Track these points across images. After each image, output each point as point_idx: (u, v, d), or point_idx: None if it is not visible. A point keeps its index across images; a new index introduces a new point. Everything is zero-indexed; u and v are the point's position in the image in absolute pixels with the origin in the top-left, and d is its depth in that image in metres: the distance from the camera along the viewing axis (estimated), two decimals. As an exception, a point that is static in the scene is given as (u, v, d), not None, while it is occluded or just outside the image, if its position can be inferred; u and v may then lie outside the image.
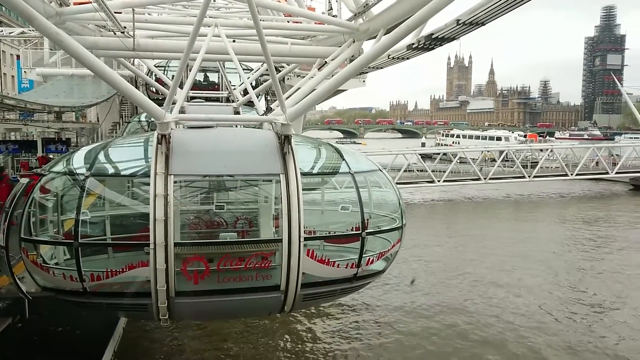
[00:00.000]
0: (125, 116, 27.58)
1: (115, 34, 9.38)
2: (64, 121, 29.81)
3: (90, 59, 6.43)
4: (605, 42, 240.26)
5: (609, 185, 47.95)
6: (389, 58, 8.69)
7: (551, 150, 46.08)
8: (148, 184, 7.03)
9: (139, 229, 7.21)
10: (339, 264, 7.80)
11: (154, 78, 15.30)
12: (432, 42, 6.99)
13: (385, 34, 7.75)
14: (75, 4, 12.99)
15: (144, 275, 7.05)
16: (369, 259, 8.07)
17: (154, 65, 15.23)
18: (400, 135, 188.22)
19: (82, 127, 31.85)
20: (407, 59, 8.45)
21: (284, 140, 7.56)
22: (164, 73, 16.05)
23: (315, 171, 8.61)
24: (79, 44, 6.59)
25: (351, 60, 8.63)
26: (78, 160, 7.84)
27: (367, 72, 10.98)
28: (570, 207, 39.92)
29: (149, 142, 7.84)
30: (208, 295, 7.34)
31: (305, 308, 15.47)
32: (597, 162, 45.00)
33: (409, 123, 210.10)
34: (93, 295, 7.33)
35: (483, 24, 5.97)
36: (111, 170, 8.00)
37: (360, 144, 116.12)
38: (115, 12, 8.89)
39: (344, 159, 8.33)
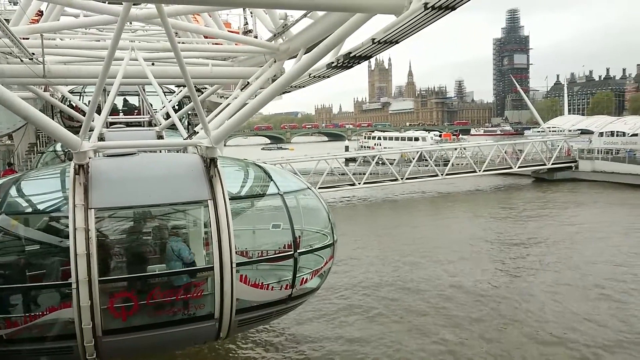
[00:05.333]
0: (42, 137, 26.04)
1: (22, 60, 8.91)
2: (-24, 144, 27.76)
3: (-6, 89, 6.03)
4: (512, 42, 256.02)
5: (515, 178, 51.21)
6: (310, 77, 8.80)
7: (462, 149, 48.67)
8: (67, 218, 6.65)
9: (60, 267, 6.79)
10: (273, 287, 7.72)
11: (69, 105, 14.60)
12: (351, 60, 7.13)
13: (305, 53, 7.86)
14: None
15: (67, 316, 6.64)
16: (303, 278, 8.04)
17: (69, 92, 14.57)
18: (326, 138, 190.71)
19: (-3, 150, 29.78)
20: (328, 77, 8.58)
21: (210, 164, 7.42)
22: (79, 99, 15.34)
23: (243, 194, 8.49)
24: (-20, 74, 6.19)
25: (273, 80, 8.67)
26: None
27: (290, 91, 11.07)
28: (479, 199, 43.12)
29: (66, 173, 7.45)
30: (138, 331, 7.01)
31: (240, 333, 15.17)
32: (505, 158, 48.07)
33: (348, 126, 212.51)
34: (10, 343, 6.79)
35: (397, 42, 6.16)
36: (24, 206, 7.50)
37: (288, 149, 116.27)
38: (22, 38, 8.45)
39: (272, 180, 8.29)
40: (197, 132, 9.44)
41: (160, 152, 9.74)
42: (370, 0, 5.43)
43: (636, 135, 52.58)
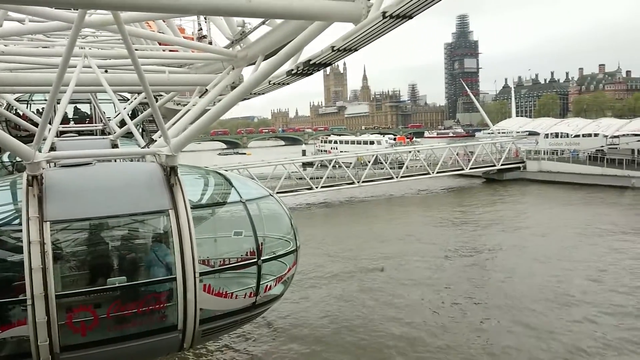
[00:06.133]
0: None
1: (-34, 68, 8.54)
2: None
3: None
4: (462, 47, 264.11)
5: (467, 179, 53.16)
6: (270, 84, 8.80)
7: (416, 152, 50.06)
8: (20, 232, 6.40)
9: (13, 283, 6.52)
10: (236, 295, 7.63)
11: (14, 113, 14.02)
12: (310, 67, 7.19)
13: (264, 60, 7.86)
14: None
15: (22, 333, 6.37)
16: (267, 285, 7.99)
17: (15, 100, 14.01)
18: (283, 142, 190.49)
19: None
20: (288, 84, 8.62)
21: (170, 172, 7.30)
22: (27, 107, 14.76)
23: (205, 202, 8.38)
24: None
25: (232, 87, 8.62)
26: None
27: (249, 98, 11.04)
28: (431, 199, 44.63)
29: (17, 185, 7.17)
30: (99, 345, 6.79)
31: (205, 343, 14.93)
32: (457, 160, 49.84)
33: (307, 130, 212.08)
34: None
35: (356, 49, 6.27)
36: None
37: (245, 154, 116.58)
38: (-35, 45, 8.10)
39: (233, 186, 8.23)
40: (155, 140, 9.27)
41: (116, 161, 9.49)
42: (328, 9, 5.51)
43: (579, 136, 55.29)
